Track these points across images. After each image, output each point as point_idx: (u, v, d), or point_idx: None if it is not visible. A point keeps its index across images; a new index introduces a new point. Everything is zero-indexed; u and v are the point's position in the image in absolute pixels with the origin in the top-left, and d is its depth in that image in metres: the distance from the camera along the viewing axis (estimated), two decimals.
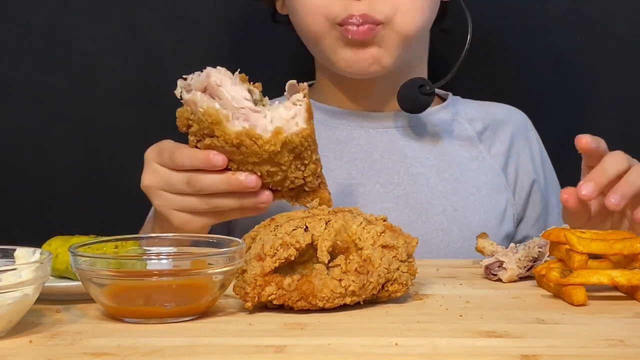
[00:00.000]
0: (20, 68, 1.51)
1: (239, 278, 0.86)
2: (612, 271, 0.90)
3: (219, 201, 1.01)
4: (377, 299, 0.89)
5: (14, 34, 1.50)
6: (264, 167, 0.98)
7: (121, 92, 1.51)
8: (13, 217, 1.51)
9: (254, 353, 0.73)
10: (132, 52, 1.51)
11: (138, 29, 1.51)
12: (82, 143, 1.52)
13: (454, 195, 1.24)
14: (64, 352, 0.73)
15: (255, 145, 0.96)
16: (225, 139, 0.97)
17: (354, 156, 1.26)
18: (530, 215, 1.31)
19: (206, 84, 0.98)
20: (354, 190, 1.24)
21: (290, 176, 1.00)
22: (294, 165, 0.99)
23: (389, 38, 1.18)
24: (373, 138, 1.27)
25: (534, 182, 1.31)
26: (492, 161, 1.29)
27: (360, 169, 1.25)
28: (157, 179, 1.04)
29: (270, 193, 1.01)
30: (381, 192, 1.24)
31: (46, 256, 0.81)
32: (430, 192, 1.24)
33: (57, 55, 1.50)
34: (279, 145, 0.96)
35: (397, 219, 1.20)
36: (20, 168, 1.52)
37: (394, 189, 1.24)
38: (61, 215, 1.50)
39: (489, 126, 1.31)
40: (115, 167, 1.52)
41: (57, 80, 1.51)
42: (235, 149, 0.97)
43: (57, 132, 1.51)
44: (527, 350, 0.73)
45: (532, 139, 1.34)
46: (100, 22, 1.51)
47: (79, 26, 1.50)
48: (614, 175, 1.02)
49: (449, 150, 1.28)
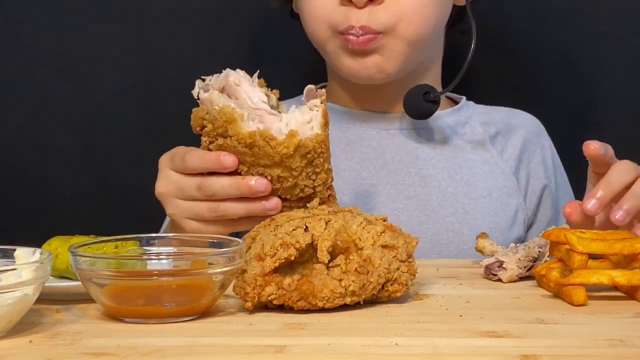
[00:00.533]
0: (20, 68, 1.51)
1: (239, 278, 0.86)
2: (612, 271, 0.90)
3: (228, 208, 1.01)
4: (377, 299, 0.89)
5: (14, 34, 1.50)
6: (275, 171, 0.98)
7: (121, 92, 1.51)
8: (13, 217, 1.51)
9: (254, 353, 0.73)
10: (132, 52, 1.51)
11: (139, 29, 1.51)
12: (82, 143, 1.52)
13: (465, 197, 1.24)
14: (64, 352, 0.73)
15: (268, 146, 0.96)
16: (238, 139, 0.96)
17: (365, 157, 1.26)
18: (541, 220, 1.31)
19: (224, 84, 0.98)
20: (365, 190, 1.24)
21: (301, 184, 0.99)
22: (305, 172, 0.98)
23: (393, 46, 1.18)
24: (384, 139, 1.27)
25: (545, 187, 1.31)
26: (504, 165, 1.29)
27: (372, 169, 1.25)
28: (169, 185, 1.03)
29: (279, 201, 1.00)
30: (392, 192, 1.24)
31: (46, 256, 0.81)
32: (441, 193, 1.24)
33: (57, 55, 1.50)
34: (292, 148, 0.96)
35: (408, 220, 1.21)
36: (20, 168, 1.52)
37: (405, 189, 1.24)
38: (61, 215, 1.50)
39: (502, 131, 1.31)
40: (115, 167, 1.52)
41: (57, 80, 1.51)
42: (248, 150, 0.97)
43: (57, 132, 1.51)
44: (527, 350, 0.73)
45: (545, 144, 1.33)
46: (100, 23, 1.51)
47: (79, 26, 1.50)
48: (620, 188, 1.01)
49: (460, 153, 1.28)
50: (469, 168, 1.27)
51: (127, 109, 1.52)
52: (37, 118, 1.51)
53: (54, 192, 1.52)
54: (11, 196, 1.51)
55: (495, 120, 1.32)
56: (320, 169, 0.99)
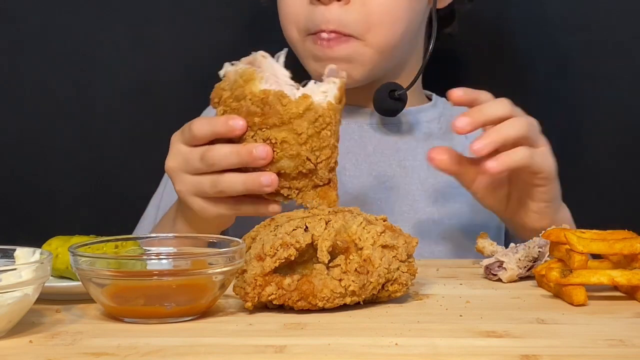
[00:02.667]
0: (21, 68, 1.51)
1: (239, 278, 0.86)
2: (612, 271, 0.90)
3: (227, 181, 1.00)
4: (377, 299, 0.89)
5: (14, 34, 1.50)
6: (281, 134, 0.96)
7: (121, 93, 1.51)
8: (13, 217, 1.51)
9: (254, 353, 0.73)
10: (132, 52, 1.51)
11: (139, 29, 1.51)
12: (82, 143, 1.52)
13: (446, 187, 1.26)
14: (64, 352, 0.73)
15: (280, 104, 0.96)
16: (252, 97, 0.96)
17: (348, 149, 1.27)
18: None
19: (251, 60, 0.99)
20: (347, 182, 1.25)
21: (303, 154, 0.97)
22: (310, 144, 0.97)
23: (362, 55, 1.20)
24: (366, 132, 1.29)
25: None
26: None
27: (354, 162, 1.27)
28: (177, 159, 1.03)
29: (276, 177, 0.98)
30: (374, 184, 1.26)
31: (46, 256, 0.81)
32: (421, 184, 1.26)
33: (57, 55, 1.51)
34: (302, 108, 0.96)
35: (390, 210, 1.23)
36: (21, 168, 1.52)
37: (387, 180, 1.26)
38: (61, 215, 1.50)
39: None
40: (115, 167, 1.52)
41: (57, 81, 1.51)
42: (258, 109, 0.96)
43: (57, 132, 1.51)
44: (527, 350, 0.73)
45: None
46: (100, 23, 1.51)
47: (79, 26, 1.51)
48: (491, 117, 1.01)
49: (440, 144, 1.29)
50: None
51: (127, 109, 1.52)
52: (37, 118, 1.51)
53: (54, 193, 1.52)
54: (11, 196, 1.51)
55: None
56: (326, 143, 0.97)
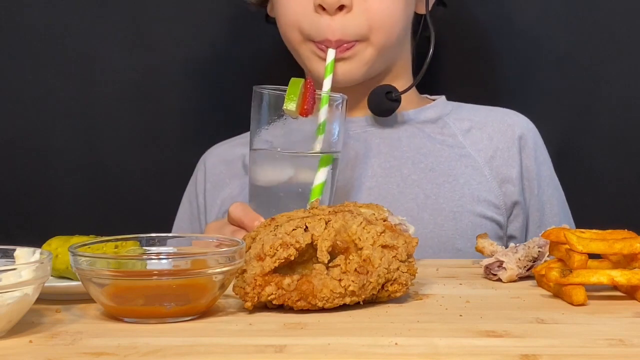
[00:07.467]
0: (21, 68, 1.51)
1: (238, 278, 0.86)
2: (612, 271, 0.90)
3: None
4: (377, 299, 0.89)
5: (14, 34, 1.50)
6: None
7: (121, 93, 1.51)
8: (13, 217, 1.51)
9: (254, 353, 0.73)
10: (132, 53, 1.51)
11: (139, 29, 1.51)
12: (82, 143, 1.52)
13: (428, 183, 1.28)
14: (64, 352, 0.73)
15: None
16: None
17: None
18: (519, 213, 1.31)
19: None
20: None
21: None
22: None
23: (364, 52, 1.25)
24: (349, 139, 1.30)
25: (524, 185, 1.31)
26: (477, 155, 1.30)
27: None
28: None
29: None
30: (355, 185, 1.28)
31: (46, 256, 0.81)
32: (402, 181, 1.28)
33: (57, 55, 1.51)
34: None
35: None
36: (21, 168, 1.52)
37: (367, 181, 1.28)
38: (61, 215, 1.50)
39: (477, 125, 1.33)
40: (115, 167, 1.52)
41: (57, 81, 1.51)
42: None
43: (57, 132, 1.51)
44: (527, 350, 0.73)
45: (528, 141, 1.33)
46: (100, 23, 1.51)
47: (79, 26, 1.51)
48: None
49: (427, 143, 1.31)
50: (434, 157, 1.30)
51: (127, 110, 1.52)
52: (37, 118, 1.51)
53: (53, 192, 1.52)
54: (11, 196, 1.51)
55: (473, 116, 1.35)
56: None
